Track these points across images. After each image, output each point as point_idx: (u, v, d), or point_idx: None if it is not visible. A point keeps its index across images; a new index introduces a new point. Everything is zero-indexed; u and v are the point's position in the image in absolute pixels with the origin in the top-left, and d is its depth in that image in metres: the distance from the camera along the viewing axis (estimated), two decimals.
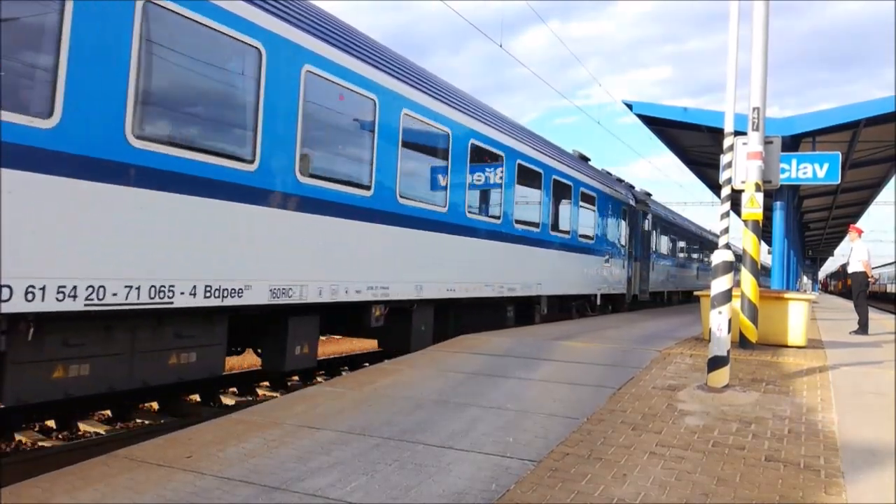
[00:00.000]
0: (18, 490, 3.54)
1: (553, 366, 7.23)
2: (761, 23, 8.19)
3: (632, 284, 18.70)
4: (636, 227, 19.09)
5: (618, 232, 17.34)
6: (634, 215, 19.05)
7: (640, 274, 19.54)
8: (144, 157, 5.16)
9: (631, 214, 18.71)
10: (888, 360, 8.18)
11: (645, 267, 20.00)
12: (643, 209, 20.00)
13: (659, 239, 22.29)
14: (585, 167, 15.56)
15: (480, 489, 3.57)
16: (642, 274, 19.69)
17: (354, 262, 7.61)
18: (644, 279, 19.91)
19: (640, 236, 19.49)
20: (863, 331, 11.56)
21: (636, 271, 19.11)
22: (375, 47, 8.34)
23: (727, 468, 3.92)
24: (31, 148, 4.40)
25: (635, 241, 19.02)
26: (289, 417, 5.00)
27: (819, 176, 9.56)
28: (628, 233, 18.30)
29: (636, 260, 19.04)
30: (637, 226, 19.15)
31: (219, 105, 5.96)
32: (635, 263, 18.93)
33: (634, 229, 18.94)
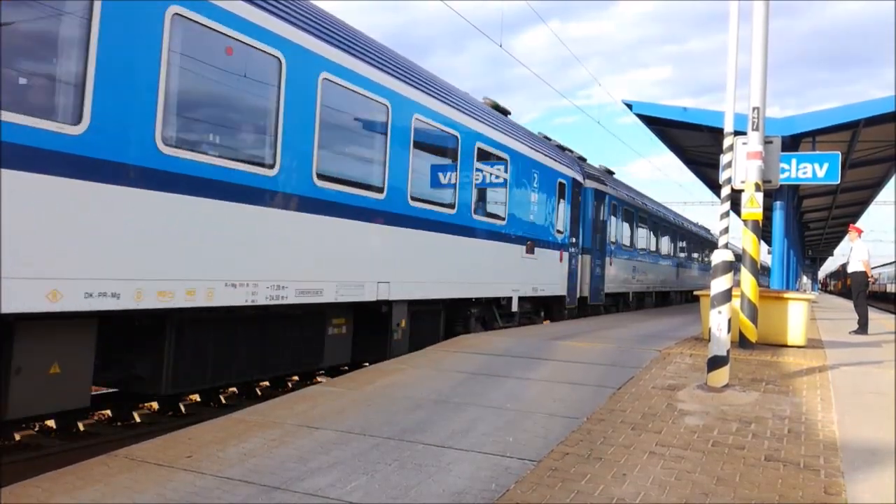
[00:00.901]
0: (18, 490, 3.54)
1: (553, 365, 7.23)
2: (761, 23, 8.19)
3: (577, 284, 14.85)
4: (586, 211, 15.35)
5: (552, 215, 13.34)
6: (584, 196, 15.31)
7: (592, 271, 15.58)
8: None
9: (579, 195, 14.97)
10: (888, 359, 8.19)
11: (599, 262, 16.06)
12: (598, 189, 16.04)
13: (623, 228, 18.46)
14: (490, 116, 11.16)
15: (480, 489, 3.57)
16: (595, 271, 15.73)
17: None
18: (598, 277, 15.95)
19: (594, 223, 15.64)
20: (862, 330, 11.56)
21: (585, 267, 15.25)
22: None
23: (727, 468, 3.92)
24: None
25: (585, 229, 15.26)
26: (289, 417, 5.00)
27: (819, 176, 9.56)
28: (572, 217, 14.44)
29: (586, 253, 15.27)
30: (588, 210, 15.41)
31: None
32: (583, 257, 15.16)
33: (584, 214, 15.24)
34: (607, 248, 16.78)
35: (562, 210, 13.97)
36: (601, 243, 16.27)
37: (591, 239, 15.55)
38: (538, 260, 12.67)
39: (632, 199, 19.52)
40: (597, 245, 15.92)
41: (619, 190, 18.28)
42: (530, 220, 12.34)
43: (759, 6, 8.23)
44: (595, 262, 15.77)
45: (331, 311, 7.84)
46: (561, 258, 13.88)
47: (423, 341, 9.34)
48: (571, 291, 14.59)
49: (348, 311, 8.18)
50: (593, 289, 15.69)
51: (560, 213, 13.89)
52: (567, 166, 14.42)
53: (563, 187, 14.03)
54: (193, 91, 5.70)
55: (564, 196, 14.09)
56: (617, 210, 17.74)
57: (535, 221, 12.52)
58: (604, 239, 16.44)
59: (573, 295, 14.69)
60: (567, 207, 14.25)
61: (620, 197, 18.14)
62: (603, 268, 16.40)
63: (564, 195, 14.09)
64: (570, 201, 14.38)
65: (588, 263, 15.39)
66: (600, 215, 16.33)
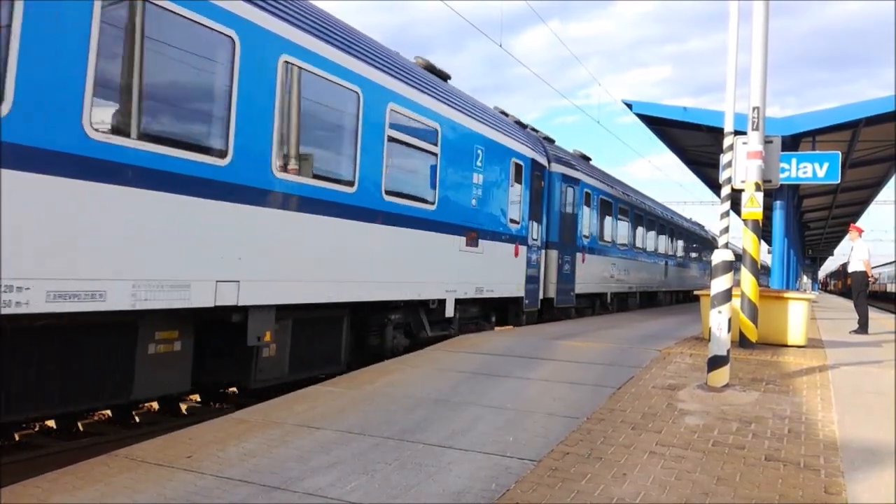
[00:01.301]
0: (18, 490, 3.54)
1: (553, 365, 7.23)
2: (761, 22, 8.19)
3: (540, 283, 12.85)
4: (553, 199, 13.39)
5: (504, 201, 11.21)
6: (550, 182, 13.37)
7: (560, 268, 13.54)
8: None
9: (542, 179, 12.90)
10: (888, 359, 8.18)
11: (569, 259, 14.06)
12: (568, 175, 14.02)
13: (600, 221, 16.44)
14: (412, 73, 8.91)
15: (480, 488, 3.56)
16: (563, 268, 13.74)
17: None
18: (567, 276, 13.96)
19: (562, 214, 13.67)
20: (863, 330, 11.56)
21: (550, 264, 13.24)
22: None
23: (727, 467, 3.92)
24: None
25: (550, 220, 13.29)
26: (289, 417, 5.00)
27: (819, 175, 9.56)
28: (532, 206, 12.34)
29: (552, 247, 13.31)
30: (555, 198, 13.43)
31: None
32: (548, 252, 13.22)
33: (550, 202, 13.32)
34: (579, 242, 14.79)
35: (518, 196, 11.72)
36: (571, 237, 14.33)
37: (559, 232, 13.56)
38: (484, 255, 10.43)
39: (611, 189, 17.43)
40: (566, 239, 13.96)
41: (595, 177, 16.21)
42: (472, 205, 10.09)
43: (758, 6, 8.23)
44: (563, 258, 13.76)
45: (151, 321, 5.68)
46: (516, 253, 11.64)
47: (313, 358, 7.34)
48: (531, 292, 12.40)
49: (184, 322, 6.01)
50: (561, 289, 13.66)
51: (516, 199, 11.65)
52: (526, 145, 12.12)
53: (520, 169, 11.73)
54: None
55: (522, 180, 11.79)
56: (592, 200, 15.68)
57: (478, 208, 10.27)
58: (575, 232, 14.51)
59: (534, 296, 12.58)
60: (526, 193, 11.99)
61: (596, 185, 16.09)
62: (573, 265, 14.36)
63: (522, 179, 11.78)
64: (529, 186, 12.10)
65: (554, 260, 13.36)
66: (571, 205, 14.33)
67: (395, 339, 8.92)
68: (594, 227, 16.04)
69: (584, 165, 15.91)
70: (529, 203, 12.27)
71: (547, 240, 13.27)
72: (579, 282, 14.72)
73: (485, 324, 11.50)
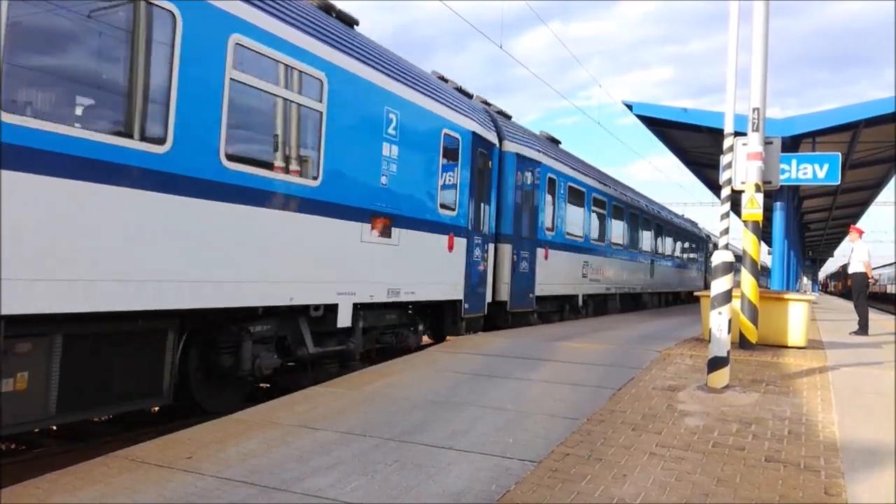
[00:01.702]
0: (18, 490, 3.54)
1: (553, 366, 7.23)
2: (761, 23, 8.19)
3: (486, 283, 10.79)
4: (505, 184, 11.41)
5: (433, 182, 9.13)
6: (503, 164, 11.42)
7: (515, 265, 11.53)
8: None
9: (489, 159, 10.83)
10: (888, 360, 8.18)
11: (527, 254, 12.03)
12: (525, 156, 12.01)
13: (569, 212, 14.31)
14: (283, 5, 6.68)
15: (480, 489, 3.56)
16: (520, 265, 11.72)
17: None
18: (525, 275, 11.93)
19: (517, 203, 11.68)
20: (863, 331, 11.56)
21: (502, 261, 11.25)
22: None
23: (727, 469, 3.92)
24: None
25: (503, 209, 11.35)
26: (289, 418, 5.00)
27: (819, 176, 9.56)
28: (474, 190, 10.29)
29: (504, 241, 11.35)
30: (508, 183, 11.44)
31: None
32: (500, 247, 11.28)
33: (502, 188, 11.37)
34: (541, 236, 12.73)
35: (454, 177, 9.68)
36: (531, 230, 12.28)
37: (514, 223, 11.54)
38: (401, 247, 8.32)
39: (583, 176, 15.40)
40: (523, 231, 11.94)
41: (563, 162, 14.19)
42: (381, 184, 7.91)
43: (759, 6, 8.23)
44: (519, 253, 11.72)
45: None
46: (451, 246, 9.55)
47: (108, 390, 5.18)
48: (474, 294, 10.29)
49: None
50: (517, 290, 11.57)
51: (450, 181, 9.57)
52: (466, 115, 10.04)
53: (458, 144, 9.67)
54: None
55: (460, 157, 9.75)
56: (558, 187, 13.60)
57: (391, 188, 8.08)
58: (535, 224, 12.46)
59: (478, 299, 10.49)
60: (465, 174, 9.93)
61: (564, 171, 14.04)
62: (533, 262, 12.26)
63: (460, 156, 9.75)
64: (470, 166, 10.07)
65: (507, 256, 11.34)
66: (530, 192, 12.28)
67: (260, 358, 6.52)
68: (561, 219, 13.82)
69: (548, 147, 13.65)
70: (471, 186, 10.14)
71: (498, 232, 11.28)
72: (541, 282, 12.63)
73: (408, 334, 9.15)
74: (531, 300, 12.32)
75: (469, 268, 10.20)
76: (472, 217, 10.34)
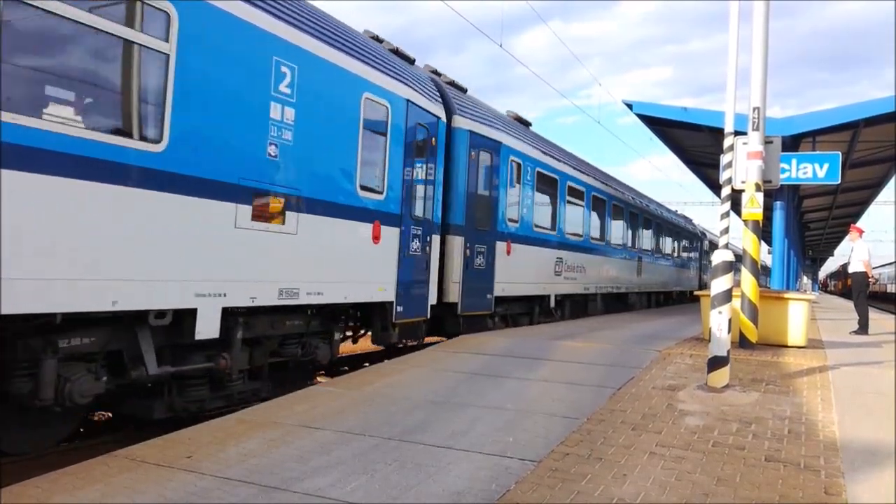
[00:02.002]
0: (18, 490, 3.54)
1: (553, 366, 7.23)
2: (761, 23, 8.20)
3: (429, 282, 9.17)
4: (456, 166, 9.90)
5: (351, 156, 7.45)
6: (453, 142, 9.94)
7: (469, 261, 10.07)
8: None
9: (434, 136, 9.21)
10: (888, 360, 8.18)
11: (483, 248, 10.49)
12: (481, 135, 10.39)
13: (539, 202, 12.72)
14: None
15: (480, 489, 3.56)
16: (474, 261, 10.23)
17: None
18: (481, 273, 10.41)
19: (471, 189, 10.15)
20: (863, 331, 11.56)
21: (451, 255, 9.72)
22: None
23: (727, 468, 3.92)
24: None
25: (454, 197, 9.82)
26: (289, 417, 5.00)
27: (819, 176, 9.56)
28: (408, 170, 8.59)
29: (454, 233, 9.82)
30: (460, 166, 9.93)
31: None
32: (449, 240, 9.75)
33: (453, 172, 9.85)
34: (502, 227, 11.17)
35: (381, 153, 7.96)
36: (490, 220, 10.73)
37: (466, 212, 10.02)
38: (300, 236, 6.62)
39: (557, 163, 13.66)
40: (479, 222, 10.39)
41: (531, 144, 12.47)
42: (268, 155, 6.21)
43: (759, 6, 8.23)
44: (474, 247, 10.22)
45: None
46: (376, 236, 7.86)
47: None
48: (409, 295, 8.65)
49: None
50: (470, 290, 10.07)
51: (375, 157, 7.88)
52: (401, 80, 8.37)
53: (386, 114, 8.00)
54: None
55: (388, 130, 8.07)
56: (525, 173, 11.97)
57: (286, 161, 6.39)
58: (495, 214, 10.87)
59: (417, 301, 8.86)
60: (398, 152, 8.30)
61: (532, 155, 12.32)
62: (491, 258, 10.71)
63: (389, 128, 8.08)
64: (404, 142, 8.41)
65: (458, 250, 9.83)
66: (487, 177, 10.68)
67: (74, 382, 4.91)
68: (528, 210, 12.20)
69: (513, 128, 11.97)
70: (405, 166, 8.47)
71: (446, 222, 9.73)
72: (502, 280, 11.05)
73: (318, 344, 7.43)
74: (489, 302, 10.70)
75: (403, 264, 8.47)
76: (408, 203, 8.57)
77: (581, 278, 15.10)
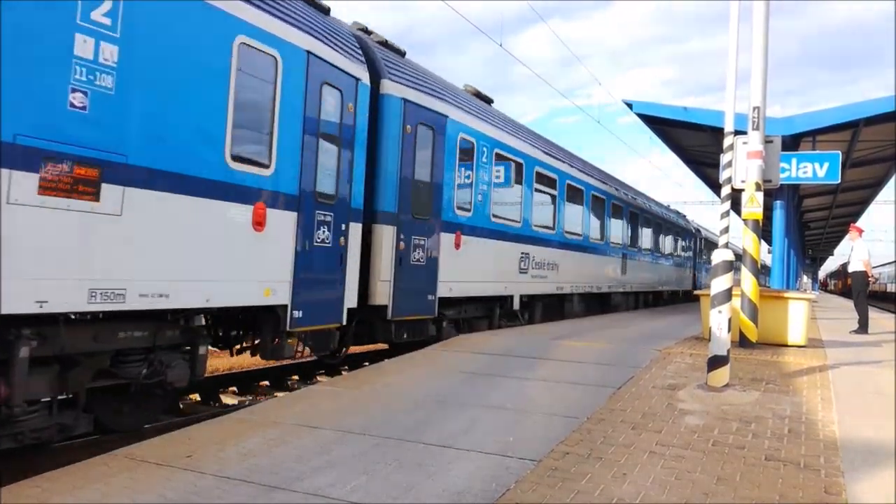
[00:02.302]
0: (18, 490, 3.54)
1: (553, 365, 7.23)
2: (761, 23, 8.19)
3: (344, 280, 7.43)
4: (386, 142, 8.31)
5: (206, 115, 5.71)
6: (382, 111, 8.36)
7: (403, 257, 8.47)
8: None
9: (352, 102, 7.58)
10: (888, 359, 8.18)
11: (425, 241, 8.88)
12: (419, 105, 8.77)
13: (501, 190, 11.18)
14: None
15: (481, 488, 3.56)
16: (411, 255, 8.62)
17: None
18: (419, 269, 8.76)
19: (404, 168, 8.51)
20: (863, 330, 11.56)
21: (379, 248, 8.16)
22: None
23: (727, 468, 3.92)
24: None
25: (383, 177, 8.28)
26: (289, 417, 5.00)
27: (819, 175, 9.57)
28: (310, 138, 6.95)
29: (384, 222, 8.26)
30: (391, 141, 8.35)
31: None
32: (376, 230, 8.19)
33: (382, 147, 8.28)
34: (450, 216, 9.51)
35: (265, 117, 6.42)
36: (433, 207, 9.05)
37: (400, 195, 8.37)
38: (125, 219, 5.01)
39: (523, 144, 12.01)
40: (416, 210, 8.67)
41: (488, 122, 10.78)
42: (72, 105, 4.65)
43: (759, 6, 8.23)
44: (410, 239, 8.53)
45: None
46: (260, 222, 6.29)
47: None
48: (315, 297, 6.96)
49: None
50: (405, 290, 8.40)
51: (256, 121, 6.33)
52: (294, 25, 6.76)
53: (274, 67, 6.47)
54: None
55: (277, 87, 6.49)
56: (480, 154, 10.34)
57: (105, 116, 4.84)
58: (439, 199, 9.20)
59: (326, 305, 7.17)
60: (294, 115, 6.70)
61: (489, 133, 10.66)
62: (434, 251, 9.05)
63: (277, 85, 6.49)
64: (303, 104, 6.80)
65: (388, 241, 8.18)
66: (430, 156, 8.98)
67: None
68: (485, 196, 10.53)
69: (467, 102, 10.35)
70: (306, 134, 6.82)
71: (374, 209, 8.12)
72: (450, 278, 9.40)
73: (174, 362, 5.78)
74: (430, 304, 8.98)
75: (304, 258, 6.75)
76: (311, 181, 6.88)
77: (554, 277, 13.47)
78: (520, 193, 11.93)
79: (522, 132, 12.54)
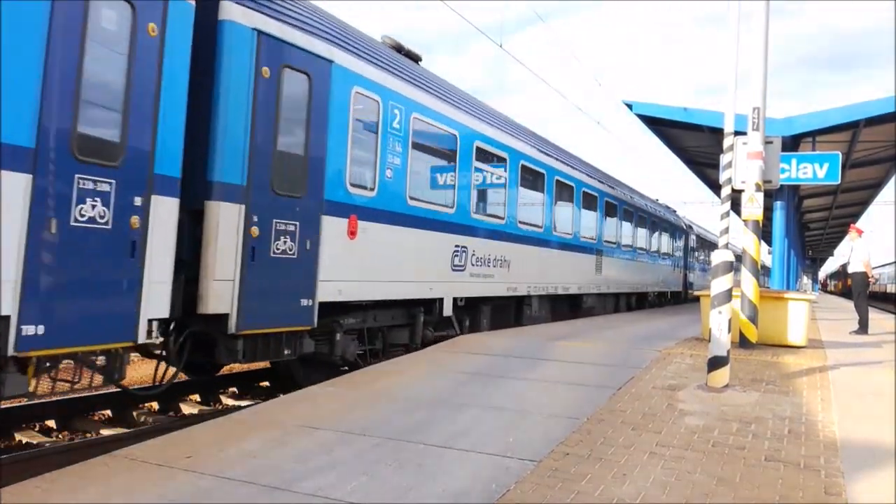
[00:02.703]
0: (18, 490, 3.54)
1: (553, 366, 7.23)
2: (762, 23, 8.20)
3: (149, 282, 5.09)
4: (234, 88, 6.02)
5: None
6: (220, 49, 5.99)
7: (256, 246, 6.12)
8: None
9: (163, 25, 5.21)
10: (888, 360, 8.18)
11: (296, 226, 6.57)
12: (281, 40, 6.41)
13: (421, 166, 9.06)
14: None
15: (481, 489, 3.57)
16: (270, 246, 6.29)
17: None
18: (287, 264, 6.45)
19: (259, 125, 6.19)
20: (863, 331, 11.56)
21: (212, 234, 5.85)
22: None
23: (727, 468, 3.92)
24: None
25: (224, 133, 5.98)
26: (289, 417, 5.00)
27: (819, 176, 9.57)
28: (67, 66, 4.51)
29: (226, 197, 5.95)
30: (241, 87, 6.07)
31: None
32: (212, 206, 5.89)
33: (218, 92, 5.97)
34: (338, 196, 7.30)
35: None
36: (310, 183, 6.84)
37: (251, 164, 6.19)
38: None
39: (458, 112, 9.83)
40: (281, 184, 6.46)
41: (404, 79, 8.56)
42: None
43: (759, 7, 8.23)
44: (271, 222, 6.34)
45: None
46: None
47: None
48: (70, 307, 4.61)
49: None
50: (258, 291, 6.18)
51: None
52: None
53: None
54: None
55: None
56: (389, 117, 8.19)
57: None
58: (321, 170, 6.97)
59: (94, 319, 4.77)
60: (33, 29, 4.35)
61: (405, 94, 8.52)
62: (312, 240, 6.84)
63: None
64: (49, 18, 4.41)
65: (232, 224, 6.01)
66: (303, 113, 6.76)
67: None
68: (397, 173, 8.35)
69: (370, 50, 8.09)
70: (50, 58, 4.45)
71: (208, 179, 5.94)
72: (338, 277, 7.26)
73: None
74: (304, 311, 6.76)
75: (48, 247, 4.48)
76: (65, 118, 4.57)
77: (504, 276, 11.24)
78: (453, 173, 9.70)
79: (461, 100, 10.23)
